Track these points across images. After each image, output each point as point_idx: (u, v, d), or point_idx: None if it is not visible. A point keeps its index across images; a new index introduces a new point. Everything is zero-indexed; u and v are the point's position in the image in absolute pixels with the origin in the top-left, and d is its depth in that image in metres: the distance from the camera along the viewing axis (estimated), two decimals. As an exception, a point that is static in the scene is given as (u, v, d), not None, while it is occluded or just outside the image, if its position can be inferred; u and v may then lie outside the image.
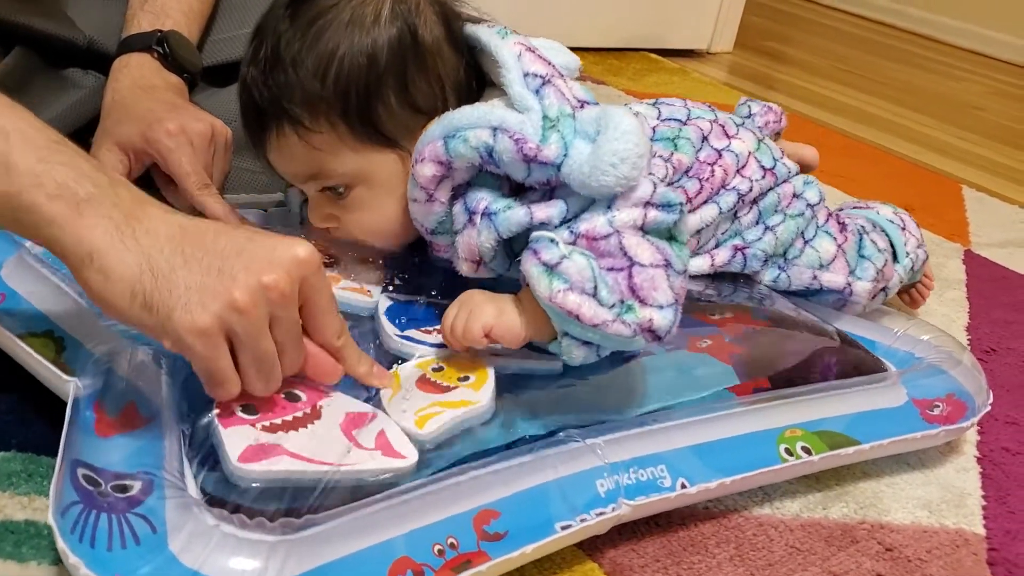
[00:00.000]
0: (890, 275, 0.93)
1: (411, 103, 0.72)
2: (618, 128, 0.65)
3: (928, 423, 0.77)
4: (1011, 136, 2.10)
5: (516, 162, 0.67)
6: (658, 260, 0.65)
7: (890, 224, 0.98)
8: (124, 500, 0.49)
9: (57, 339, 0.62)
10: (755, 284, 0.88)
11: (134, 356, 0.60)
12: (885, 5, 3.29)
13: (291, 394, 0.60)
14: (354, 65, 0.69)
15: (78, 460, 0.52)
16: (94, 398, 0.57)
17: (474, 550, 0.54)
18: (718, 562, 0.66)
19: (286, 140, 0.71)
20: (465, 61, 0.75)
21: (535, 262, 0.63)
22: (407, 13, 0.71)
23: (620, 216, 0.65)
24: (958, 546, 0.72)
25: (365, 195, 0.73)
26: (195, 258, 0.52)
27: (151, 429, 0.55)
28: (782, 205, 0.87)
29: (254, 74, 0.71)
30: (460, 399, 0.64)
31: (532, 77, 0.69)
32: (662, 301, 0.64)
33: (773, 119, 0.97)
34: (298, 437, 0.57)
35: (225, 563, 0.48)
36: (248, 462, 0.53)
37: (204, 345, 0.52)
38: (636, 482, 0.62)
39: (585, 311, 0.62)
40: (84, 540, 0.47)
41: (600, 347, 0.65)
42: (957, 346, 0.87)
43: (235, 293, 0.51)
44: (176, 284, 0.51)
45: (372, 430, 0.60)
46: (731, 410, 0.70)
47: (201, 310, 0.51)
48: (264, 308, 0.53)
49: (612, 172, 0.64)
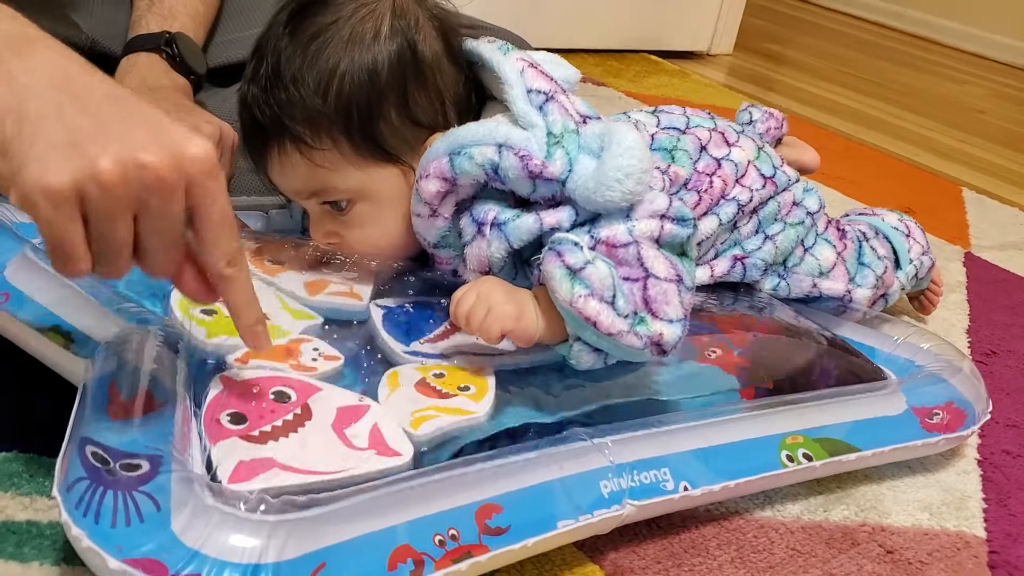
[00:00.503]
0: (890, 282, 0.93)
1: (412, 118, 0.72)
2: (622, 144, 0.65)
3: (927, 431, 0.77)
4: (1012, 139, 2.11)
5: (521, 179, 0.67)
6: (672, 275, 0.65)
7: (894, 231, 0.98)
8: (132, 478, 0.49)
9: (65, 333, 0.62)
10: (756, 292, 0.88)
11: (148, 340, 0.60)
12: (885, 7, 3.30)
13: (280, 393, 0.60)
14: (355, 82, 0.69)
15: (88, 438, 0.52)
16: (108, 379, 0.57)
17: (475, 542, 0.54)
18: (719, 564, 0.66)
19: (288, 158, 0.71)
20: (465, 75, 0.75)
21: (558, 263, 0.63)
22: (406, 29, 0.71)
23: (639, 226, 0.66)
24: (959, 549, 0.72)
25: (367, 211, 0.73)
26: (72, 112, 0.46)
27: (164, 413, 0.55)
28: (782, 214, 0.87)
29: (255, 92, 0.71)
30: (458, 407, 0.63)
31: (536, 94, 0.70)
32: (672, 316, 0.65)
33: (774, 125, 0.98)
34: (289, 444, 0.56)
35: (226, 542, 0.48)
36: (240, 482, 0.53)
37: (51, 208, 0.45)
38: (639, 484, 0.62)
39: (603, 319, 0.62)
40: (88, 515, 0.48)
41: (608, 355, 0.66)
42: (957, 354, 0.87)
43: (102, 161, 0.45)
44: (40, 134, 0.45)
45: (365, 426, 0.59)
46: (734, 415, 0.70)
47: (58, 170, 0.44)
48: (132, 188, 0.46)
49: (618, 188, 0.65)
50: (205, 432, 0.56)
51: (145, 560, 0.46)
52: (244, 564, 0.47)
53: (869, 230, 0.97)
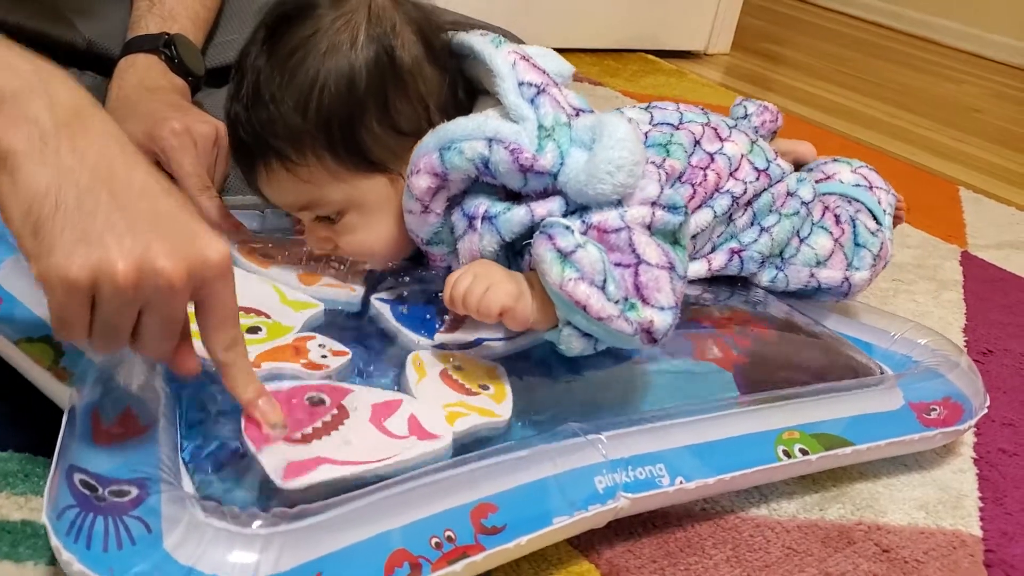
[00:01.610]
0: (887, 254, 0.93)
1: (394, 126, 0.71)
2: (613, 136, 0.65)
3: (924, 426, 0.77)
4: (1008, 138, 2.11)
5: (512, 172, 0.67)
6: (663, 262, 0.65)
7: (858, 189, 0.97)
8: (121, 503, 0.49)
9: (55, 344, 0.62)
10: (752, 287, 0.88)
11: (133, 363, 0.60)
12: (883, 7, 3.30)
13: (314, 398, 0.60)
14: (333, 93, 0.68)
15: (75, 466, 0.52)
16: (92, 407, 0.56)
17: (471, 543, 0.54)
18: (715, 563, 0.66)
19: (275, 175, 0.71)
20: (450, 76, 0.74)
21: (549, 247, 0.63)
22: (382, 36, 0.70)
23: (631, 212, 0.66)
24: (955, 547, 0.72)
25: (358, 219, 0.73)
26: (106, 209, 0.48)
27: (149, 437, 0.55)
28: (776, 205, 0.88)
29: (238, 110, 0.71)
30: (485, 407, 0.64)
31: (527, 86, 0.70)
32: (664, 303, 0.64)
33: (769, 119, 0.98)
34: (332, 442, 0.57)
35: (220, 559, 0.48)
36: (292, 478, 0.53)
37: (65, 295, 0.48)
38: (634, 480, 0.62)
39: (593, 303, 0.62)
40: (79, 541, 0.47)
41: (598, 342, 0.66)
42: (954, 349, 0.87)
43: (119, 264, 0.47)
44: (71, 225, 0.47)
45: (402, 416, 0.60)
46: (730, 411, 0.70)
47: (80, 265, 0.47)
48: (144, 291, 0.48)
49: (609, 180, 0.65)
50: (249, 440, 0.56)
51: None
52: None
53: (844, 202, 0.96)
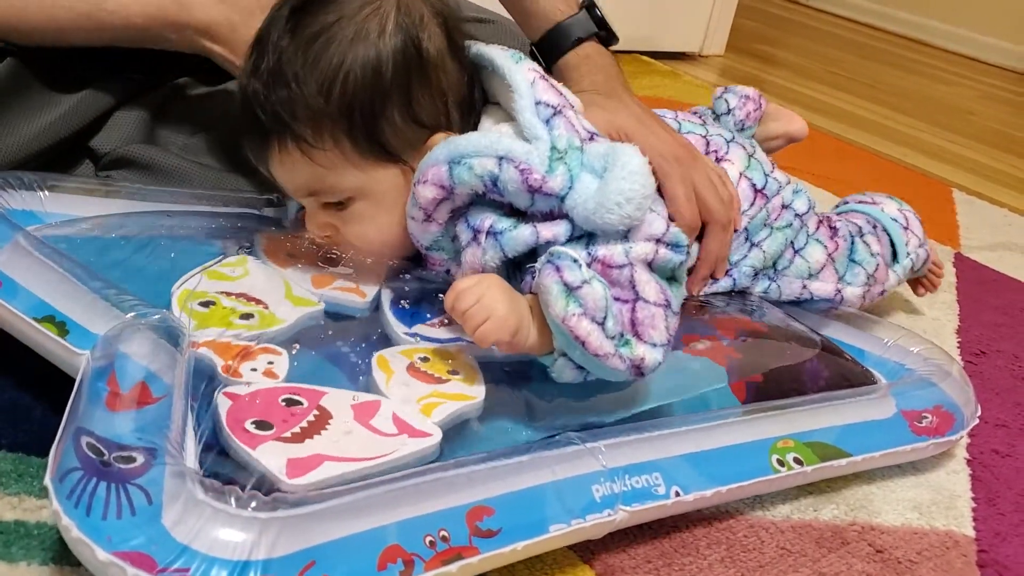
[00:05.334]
0: (883, 278, 0.93)
1: (415, 118, 0.71)
2: (626, 167, 0.65)
3: (916, 435, 0.77)
4: (1001, 140, 2.11)
5: (520, 192, 0.67)
6: (660, 300, 0.66)
7: (893, 223, 0.97)
8: (126, 470, 0.49)
9: (59, 323, 0.62)
10: (747, 296, 0.88)
11: (147, 333, 0.60)
12: (876, 9, 3.31)
13: (290, 399, 0.60)
14: (359, 80, 0.68)
15: (83, 428, 0.51)
16: (108, 371, 0.56)
17: (465, 544, 0.54)
18: (709, 563, 0.66)
19: (289, 156, 0.71)
20: (468, 72, 0.74)
21: (556, 279, 0.62)
22: (411, 26, 0.70)
23: (636, 249, 0.66)
24: (948, 548, 0.73)
25: (365, 209, 0.73)
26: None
27: (161, 406, 0.55)
28: (771, 219, 0.87)
29: (256, 87, 0.70)
30: (458, 392, 0.64)
31: (544, 106, 0.70)
32: (656, 340, 0.65)
33: (753, 108, 0.95)
34: (326, 440, 0.57)
35: (216, 538, 0.48)
36: (297, 476, 0.53)
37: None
38: (631, 489, 0.62)
39: (592, 340, 0.62)
40: (80, 506, 0.47)
41: (589, 373, 0.66)
42: (947, 358, 0.88)
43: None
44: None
45: (385, 415, 0.60)
46: (725, 419, 0.70)
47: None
48: None
49: (617, 211, 0.65)
50: (239, 441, 0.55)
51: (134, 554, 0.46)
52: (233, 560, 0.47)
53: (867, 223, 0.96)
